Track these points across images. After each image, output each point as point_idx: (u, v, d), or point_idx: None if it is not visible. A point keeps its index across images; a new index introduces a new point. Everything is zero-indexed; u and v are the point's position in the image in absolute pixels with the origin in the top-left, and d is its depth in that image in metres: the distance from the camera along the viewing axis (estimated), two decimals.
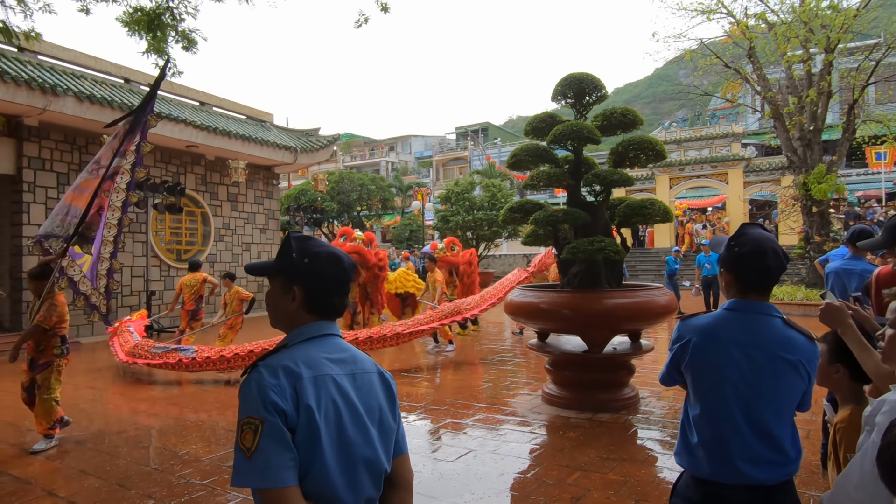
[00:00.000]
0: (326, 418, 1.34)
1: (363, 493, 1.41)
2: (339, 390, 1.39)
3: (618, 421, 5.38)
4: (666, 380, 2.06)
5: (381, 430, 1.46)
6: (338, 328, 1.54)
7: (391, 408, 1.52)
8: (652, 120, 57.21)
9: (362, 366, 1.49)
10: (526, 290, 6.18)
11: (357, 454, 1.39)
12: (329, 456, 1.33)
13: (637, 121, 6.36)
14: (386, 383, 1.53)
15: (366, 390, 1.46)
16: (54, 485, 4.26)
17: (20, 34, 3.56)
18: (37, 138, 12.20)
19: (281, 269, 1.48)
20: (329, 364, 1.41)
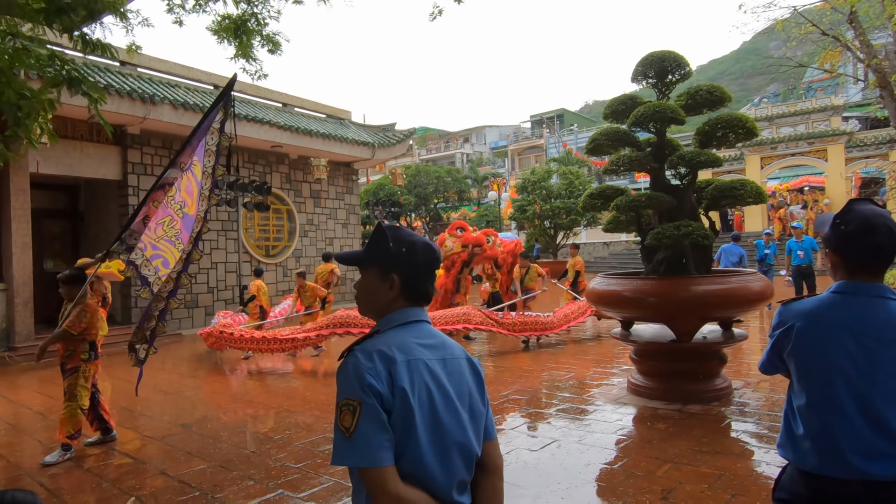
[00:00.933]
0: (420, 401, 1.37)
1: (456, 476, 1.42)
2: (431, 375, 1.42)
3: (709, 412, 5.16)
4: (767, 368, 1.95)
5: (471, 414, 1.47)
6: (427, 314, 1.57)
7: (480, 393, 1.53)
8: (740, 97, 54.06)
9: (451, 351, 1.51)
10: (609, 277, 6.03)
11: (450, 437, 1.40)
12: (423, 438, 1.36)
13: (724, 98, 6.03)
14: (474, 369, 1.54)
15: (456, 375, 1.47)
16: (165, 465, 4.60)
17: (122, 49, 3.83)
18: (139, 145, 13.14)
19: (377, 258, 1.51)
20: (421, 349, 1.44)
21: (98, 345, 5.30)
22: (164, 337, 12.50)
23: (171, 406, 6.59)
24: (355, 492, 1.43)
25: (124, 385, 7.99)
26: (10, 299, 10.79)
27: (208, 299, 14.23)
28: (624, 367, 7.20)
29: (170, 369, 8.90)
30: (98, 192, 13.81)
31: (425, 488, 1.37)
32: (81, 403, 5.00)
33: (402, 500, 1.31)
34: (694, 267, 5.81)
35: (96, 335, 5.22)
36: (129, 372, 8.84)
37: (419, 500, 1.34)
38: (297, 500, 3.78)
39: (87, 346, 5.11)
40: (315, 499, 3.78)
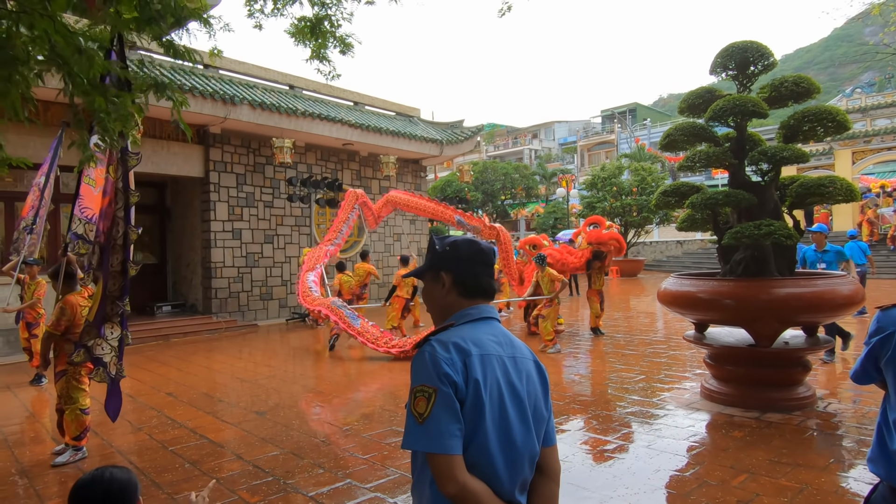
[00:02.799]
0: (491, 395, 1.39)
1: (520, 473, 1.43)
2: (503, 371, 1.44)
3: (790, 422, 4.89)
4: (860, 377, 1.83)
5: (535, 415, 1.48)
6: (496, 312, 1.58)
7: (545, 397, 1.54)
8: (829, 87, 50.77)
9: (521, 351, 1.52)
10: (682, 278, 5.82)
11: (516, 434, 1.42)
12: (491, 431, 1.37)
13: (812, 89, 5.68)
14: (541, 372, 1.55)
15: (525, 375, 1.49)
16: (241, 450, 4.83)
17: (205, 53, 4.04)
18: (220, 144, 13.80)
19: (431, 264, 1.58)
20: (494, 345, 1.46)
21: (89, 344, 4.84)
22: (241, 327, 13.12)
23: (247, 393, 6.90)
24: (418, 481, 1.44)
25: (202, 371, 8.44)
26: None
27: (282, 292, 14.78)
28: (697, 371, 6.94)
29: (246, 358, 9.32)
30: (183, 188, 14.62)
31: (489, 482, 1.38)
32: (81, 405, 4.83)
33: (466, 489, 1.33)
34: (776, 268, 5.52)
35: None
36: (207, 358, 9.35)
37: (482, 492, 1.35)
38: (364, 490, 3.87)
39: (72, 348, 4.72)
40: (381, 490, 3.86)
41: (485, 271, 1.57)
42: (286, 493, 3.90)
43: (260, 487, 4.00)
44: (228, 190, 13.94)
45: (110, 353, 4.50)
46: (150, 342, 11.33)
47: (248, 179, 14.36)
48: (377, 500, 3.73)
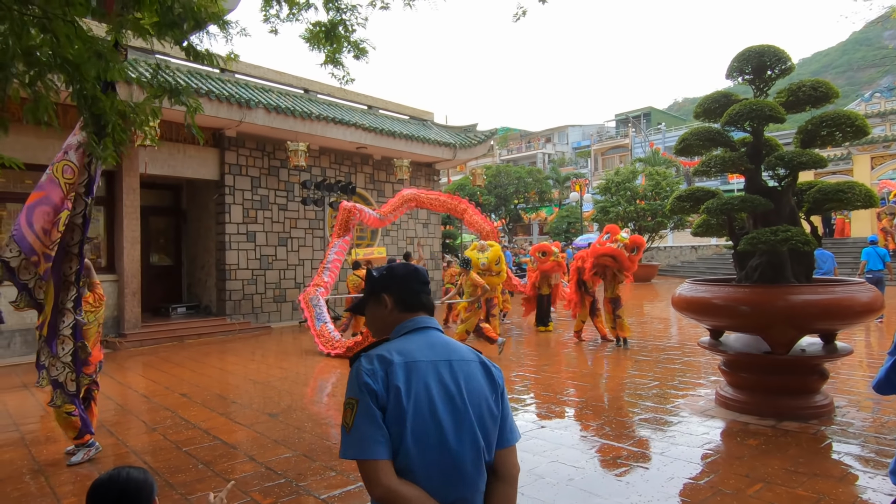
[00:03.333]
0: (417, 400, 1.45)
1: (458, 475, 1.48)
2: (435, 375, 1.50)
3: (807, 431, 4.82)
4: (884, 387, 1.81)
5: (480, 416, 1.52)
6: (437, 323, 1.68)
7: (494, 396, 1.57)
8: (847, 91, 50.16)
9: (460, 354, 1.58)
10: (697, 283, 5.77)
11: (448, 436, 1.46)
12: (415, 435, 1.44)
13: (830, 94, 5.61)
14: (488, 372, 1.59)
15: (464, 377, 1.53)
16: (254, 451, 4.85)
17: (223, 57, 4.09)
18: (235, 147, 13.92)
19: (370, 291, 1.70)
20: (424, 352, 1.53)
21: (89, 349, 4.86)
22: (255, 329, 13.21)
23: (260, 395, 6.94)
24: None
25: (216, 372, 8.50)
26: (121, 290, 11.73)
27: (296, 294, 14.85)
28: (712, 377, 6.87)
29: (259, 360, 9.37)
30: (198, 190, 14.76)
31: (421, 485, 1.43)
32: (65, 408, 4.67)
33: (391, 492, 1.39)
34: (793, 275, 5.45)
35: (85, 338, 4.78)
36: (220, 360, 9.42)
37: (410, 495, 1.41)
38: None
39: None
40: None
41: (421, 288, 1.69)
42: (298, 495, 3.91)
43: (272, 489, 4.02)
44: (243, 193, 14.05)
45: (64, 372, 4.31)
46: (164, 343, 11.44)
47: (263, 182, 14.46)
48: None
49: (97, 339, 5.05)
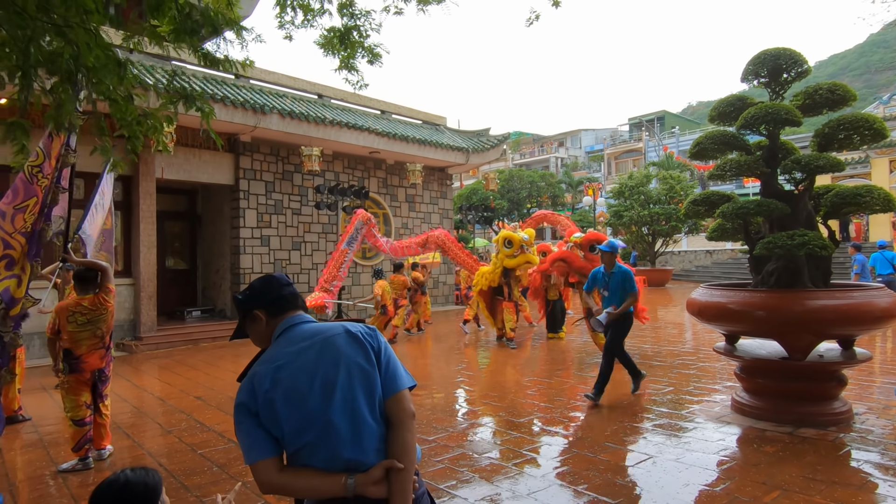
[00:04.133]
0: (285, 392, 1.63)
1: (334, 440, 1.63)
2: (295, 364, 1.67)
3: (825, 438, 4.75)
4: None
5: (347, 380, 1.66)
6: (305, 316, 1.83)
7: (364, 356, 1.71)
8: (865, 94, 49.57)
9: (324, 335, 1.73)
10: (712, 288, 5.71)
11: (314, 410, 1.63)
12: (287, 421, 1.62)
13: (848, 96, 5.55)
14: (353, 337, 1.73)
15: (323, 352, 1.69)
16: None
17: (238, 63, 4.13)
18: (249, 152, 14.05)
19: (243, 314, 1.84)
20: (283, 349, 1.71)
21: (77, 354, 4.66)
22: None
23: None
24: None
25: (230, 375, 8.55)
26: (137, 293, 11.87)
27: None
28: (727, 383, 6.79)
29: None
30: (213, 195, 14.90)
31: (308, 462, 1.62)
32: (72, 415, 4.68)
33: (273, 486, 1.62)
34: (810, 279, 5.39)
35: (71, 342, 4.66)
36: (235, 363, 9.49)
37: (290, 482, 1.62)
38: None
39: (63, 355, 4.70)
40: None
41: (282, 290, 1.83)
42: None
43: None
44: (257, 197, 14.17)
45: None
46: (179, 346, 11.54)
47: (277, 187, 14.57)
48: None
49: (92, 347, 4.72)
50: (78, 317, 4.65)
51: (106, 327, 4.80)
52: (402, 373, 1.77)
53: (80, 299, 4.72)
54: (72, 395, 4.71)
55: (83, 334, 4.67)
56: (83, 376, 4.70)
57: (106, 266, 4.89)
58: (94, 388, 4.82)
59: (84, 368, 4.69)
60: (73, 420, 4.68)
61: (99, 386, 4.84)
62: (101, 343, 4.79)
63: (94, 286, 4.78)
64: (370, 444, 1.66)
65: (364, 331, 1.76)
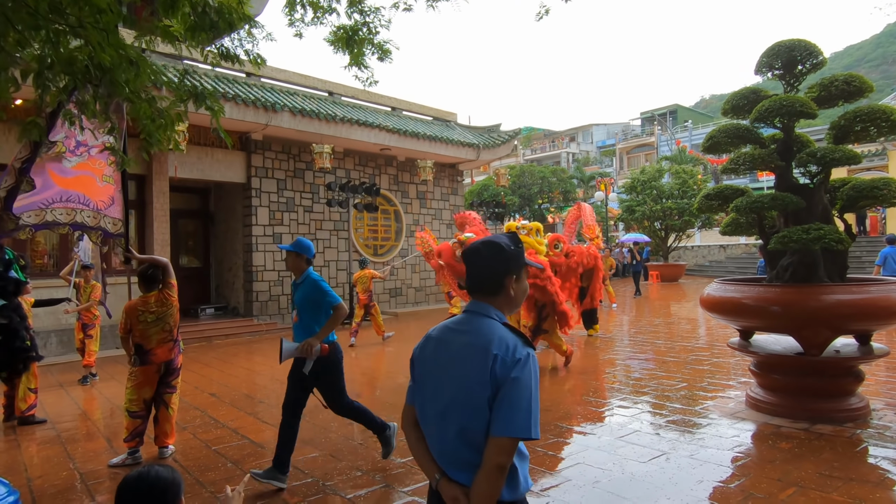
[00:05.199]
0: (420, 365, 1.83)
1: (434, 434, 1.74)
2: (433, 348, 1.79)
3: (842, 434, 4.70)
4: None
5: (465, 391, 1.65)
6: (488, 309, 1.75)
7: (483, 382, 1.61)
8: (882, 86, 48.76)
9: (469, 338, 1.70)
10: (726, 283, 5.66)
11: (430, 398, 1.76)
12: (417, 391, 1.82)
13: (864, 88, 5.47)
14: (486, 359, 1.62)
15: (460, 357, 1.69)
16: None
17: (253, 57, 4.15)
18: (261, 150, 14.11)
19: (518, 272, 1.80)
20: (441, 329, 1.82)
21: (147, 348, 4.81)
22: (281, 329, 13.36)
23: None
24: None
25: (243, 372, 8.62)
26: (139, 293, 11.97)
27: None
28: (742, 379, 6.74)
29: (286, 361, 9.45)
30: (225, 193, 15.00)
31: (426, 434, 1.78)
32: (127, 406, 4.81)
33: (405, 430, 1.86)
34: (826, 274, 5.32)
35: (142, 338, 4.81)
36: (248, 360, 9.55)
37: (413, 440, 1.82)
38: (402, 494, 3.89)
39: (134, 350, 4.84)
40: (419, 494, 3.87)
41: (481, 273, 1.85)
42: (325, 494, 3.94)
43: (299, 489, 4.06)
44: (269, 195, 14.24)
45: None
46: (193, 343, 11.64)
47: (289, 185, 14.63)
48: (414, 503, 3.73)
49: (161, 341, 4.85)
50: (147, 315, 4.81)
51: (173, 321, 4.96)
52: (516, 419, 1.58)
53: (146, 297, 4.87)
54: (135, 388, 4.82)
55: (152, 330, 4.82)
56: (151, 368, 4.84)
57: (167, 262, 5.05)
58: (161, 380, 4.92)
59: (153, 361, 4.83)
60: (129, 411, 4.79)
61: (167, 378, 4.95)
62: (170, 336, 4.93)
63: (158, 283, 4.93)
64: (454, 460, 1.67)
65: (501, 360, 1.61)
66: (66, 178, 4.70)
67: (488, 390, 1.60)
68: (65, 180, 4.70)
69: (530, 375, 1.61)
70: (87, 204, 4.84)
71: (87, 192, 4.84)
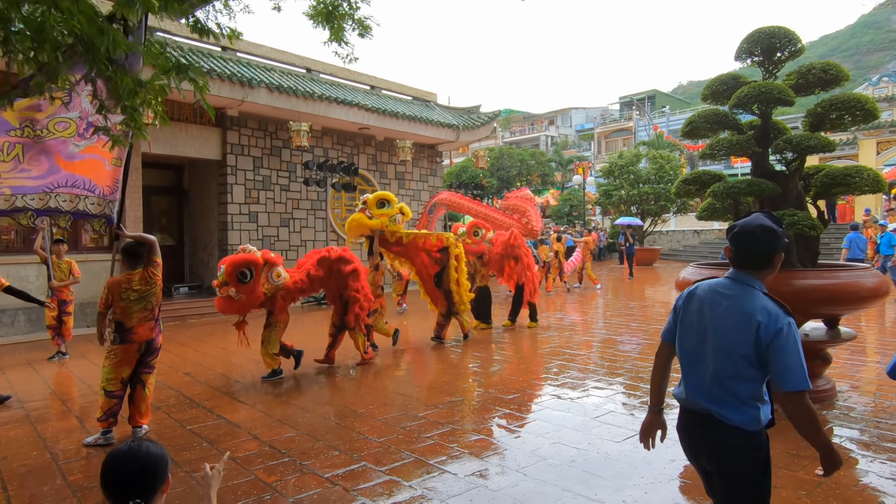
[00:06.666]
0: (688, 315, 2.23)
1: (691, 372, 2.21)
2: (701, 304, 2.17)
3: None
4: None
5: (719, 343, 2.08)
6: (749, 277, 2.12)
7: (748, 341, 2.00)
8: (855, 75, 49.51)
9: (735, 303, 2.07)
10: (701, 268, 5.75)
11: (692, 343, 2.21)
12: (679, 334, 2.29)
13: (841, 77, 5.54)
14: (749, 323, 2.00)
15: (721, 317, 2.09)
16: (257, 430, 4.88)
17: (227, 33, 4.04)
18: (237, 127, 13.84)
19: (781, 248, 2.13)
20: (708, 289, 2.18)
21: (128, 326, 4.66)
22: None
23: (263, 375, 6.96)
24: None
25: (218, 352, 8.53)
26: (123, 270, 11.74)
27: None
28: None
29: None
30: (200, 170, 14.71)
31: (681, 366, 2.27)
32: (105, 385, 4.67)
33: (656, 355, 2.46)
34: (798, 259, 5.43)
35: (123, 315, 4.67)
36: (223, 339, 9.45)
37: (656, 365, 2.45)
38: (380, 473, 3.90)
39: (114, 327, 4.69)
40: (396, 473, 3.89)
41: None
42: (302, 473, 3.94)
43: (276, 468, 4.05)
44: (245, 173, 14.00)
45: None
46: (167, 322, 11.46)
47: (265, 163, 14.40)
48: (392, 482, 3.75)
49: (143, 319, 4.71)
50: (130, 293, 4.66)
51: (156, 300, 4.83)
52: (794, 378, 1.95)
53: (130, 275, 4.72)
54: (114, 367, 4.68)
55: (135, 308, 4.69)
56: (132, 347, 4.71)
57: (154, 240, 4.89)
58: (140, 359, 4.80)
59: (134, 339, 4.70)
60: (105, 390, 4.67)
61: (147, 357, 4.84)
62: (151, 315, 4.79)
63: (143, 260, 4.78)
64: (707, 393, 2.12)
65: (768, 324, 1.98)
66: (72, 163, 4.55)
67: (749, 349, 1.99)
68: (71, 164, 4.55)
69: (795, 340, 1.97)
70: (93, 190, 4.69)
71: (94, 177, 4.69)
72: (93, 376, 7.08)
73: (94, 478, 3.95)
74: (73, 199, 4.54)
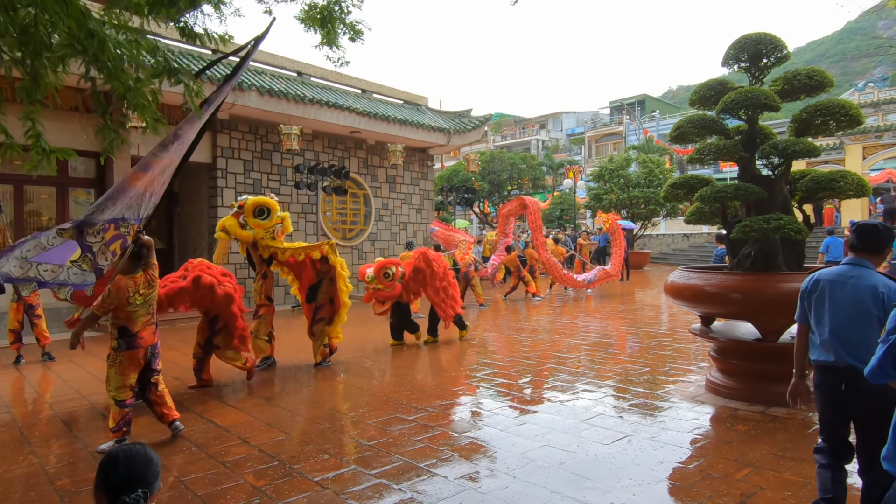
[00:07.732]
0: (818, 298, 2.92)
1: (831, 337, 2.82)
2: (829, 285, 2.88)
3: (795, 417, 4.89)
4: (877, 375, 1.85)
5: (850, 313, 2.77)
6: (865, 262, 2.86)
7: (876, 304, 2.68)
8: (841, 81, 50.24)
9: (860, 280, 2.78)
10: (689, 271, 5.80)
11: (825, 317, 2.87)
12: (812, 315, 2.97)
13: (826, 82, 5.62)
14: (876, 292, 2.70)
15: (849, 290, 2.80)
16: (247, 434, 4.86)
17: (216, 37, 4.03)
18: (227, 130, 13.80)
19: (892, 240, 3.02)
20: (829, 274, 2.91)
21: (134, 331, 4.56)
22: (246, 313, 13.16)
23: (252, 379, 6.94)
24: None
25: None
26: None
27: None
28: (702, 364, 6.93)
29: None
30: (190, 174, 14.63)
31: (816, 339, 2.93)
32: (115, 395, 4.55)
33: (796, 337, 3.15)
34: (784, 263, 5.50)
35: (128, 320, 4.55)
36: None
37: (797, 344, 3.12)
38: (369, 477, 3.90)
39: (117, 333, 4.57)
40: (386, 476, 3.89)
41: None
42: (292, 477, 3.93)
43: (266, 472, 4.04)
44: (236, 176, 13.96)
45: None
46: None
47: (256, 166, 14.36)
48: (382, 486, 3.75)
49: (146, 323, 4.65)
50: (137, 297, 4.58)
51: (155, 303, 4.81)
52: None
53: (134, 279, 4.60)
54: (121, 374, 4.56)
55: (140, 312, 4.60)
56: (139, 353, 4.61)
57: (150, 241, 4.83)
58: (147, 365, 4.73)
59: (140, 345, 4.60)
60: (116, 400, 4.54)
61: (152, 362, 4.77)
62: (152, 319, 4.75)
63: (142, 263, 4.70)
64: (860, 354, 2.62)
65: (890, 293, 2.66)
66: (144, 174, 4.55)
67: (880, 311, 2.65)
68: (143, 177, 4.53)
69: None
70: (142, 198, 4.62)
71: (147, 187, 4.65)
72: (79, 380, 7.02)
73: (82, 483, 3.92)
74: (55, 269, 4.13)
